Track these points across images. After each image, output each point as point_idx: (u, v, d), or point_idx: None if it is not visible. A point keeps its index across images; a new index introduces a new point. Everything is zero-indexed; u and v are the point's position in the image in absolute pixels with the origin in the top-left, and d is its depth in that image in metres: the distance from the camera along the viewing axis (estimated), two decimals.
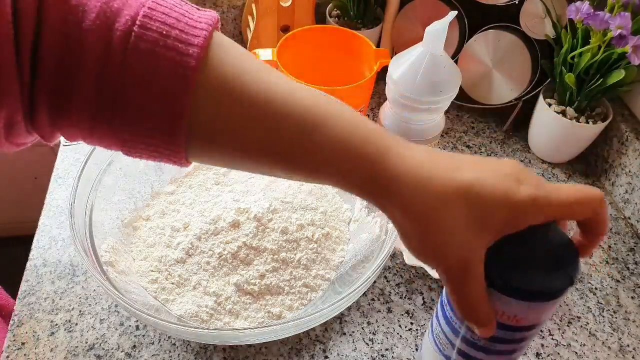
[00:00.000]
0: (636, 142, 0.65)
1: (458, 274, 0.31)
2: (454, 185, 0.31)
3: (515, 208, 0.30)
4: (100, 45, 0.29)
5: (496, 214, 0.30)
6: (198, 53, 0.30)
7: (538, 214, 0.31)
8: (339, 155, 0.32)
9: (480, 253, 0.31)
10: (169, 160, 0.33)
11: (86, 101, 0.30)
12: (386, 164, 0.32)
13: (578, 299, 0.58)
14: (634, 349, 0.54)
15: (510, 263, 0.32)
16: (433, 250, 0.32)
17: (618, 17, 0.57)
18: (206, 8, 0.83)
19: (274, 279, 0.52)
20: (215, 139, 0.32)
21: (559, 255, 0.33)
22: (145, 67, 0.29)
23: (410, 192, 0.31)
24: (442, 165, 0.32)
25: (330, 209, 0.60)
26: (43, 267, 0.56)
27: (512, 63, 0.72)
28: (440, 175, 0.31)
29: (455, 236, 0.31)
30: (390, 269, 0.58)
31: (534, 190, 0.31)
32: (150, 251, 0.54)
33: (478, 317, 0.33)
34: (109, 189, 0.55)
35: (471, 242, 0.31)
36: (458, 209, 0.30)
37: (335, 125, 0.32)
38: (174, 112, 0.30)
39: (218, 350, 0.50)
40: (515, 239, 0.32)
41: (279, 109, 0.31)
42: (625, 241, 0.65)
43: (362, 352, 0.51)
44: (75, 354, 0.49)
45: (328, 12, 0.81)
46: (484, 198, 0.30)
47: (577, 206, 0.31)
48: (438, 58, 0.54)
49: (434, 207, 0.31)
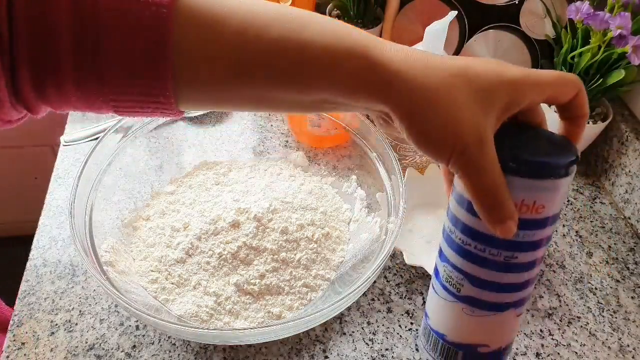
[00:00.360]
0: (636, 142, 0.65)
1: (475, 152, 0.31)
2: (455, 67, 0.32)
3: (513, 85, 0.32)
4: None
5: (498, 92, 0.32)
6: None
7: (534, 90, 0.32)
8: (330, 49, 0.31)
9: (490, 132, 0.32)
10: (161, 111, 0.33)
11: (66, 59, 0.29)
12: (380, 49, 0.32)
13: (578, 299, 0.58)
14: (634, 349, 0.54)
15: (518, 145, 0.34)
16: (446, 132, 0.31)
17: (618, 17, 0.57)
18: None
19: (274, 279, 0.52)
20: (202, 73, 0.31)
21: (558, 141, 0.36)
22: (119, 9, 0.28)
23: (417, 73, 0.31)
24: (430, 55, 0.32)
25: (330, 209, 0.60)
26: (43, 267, 0.56)
27: (512, 63, 0.71)
28: (435, 61, 0.32)
29: (466, 112, 0.31)
30: (390, 269, 0.58)
31: (524, 70, 0.32)
32: (150, 251, 0.54)
33: (502, 207, 0.32)
34: (109, 189, 0.55)
35: (481, 119, 0.31)
36: (464, 88, 0.31)
37: (317, 23, 0.32)
38: (157, 47, 0.29)
39: (218, 350, 0.50)
40: (515, 129, 0.35)
41: (262, 23, 0.31)
42: (625, 241, 0.65)
43: (362, 352, 0.51)
44: (75, 354, 0.49)
45: (328, 12, 0.81)
46: (483, 77, 0.31)
47: (563, 82, 0.33)
48: None
49: (440, 88, 0.31)
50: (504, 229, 0.32)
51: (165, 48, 0.29)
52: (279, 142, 0.68)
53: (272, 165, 0.65)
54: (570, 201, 0.69)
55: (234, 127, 0.67)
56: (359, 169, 0.61)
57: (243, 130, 0.68)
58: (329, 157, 0.65)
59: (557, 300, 0.57)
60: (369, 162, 0.59)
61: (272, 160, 0.66)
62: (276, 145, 0.68)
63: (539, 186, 0.34)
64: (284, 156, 0.67)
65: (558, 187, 0.35)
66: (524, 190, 0.34)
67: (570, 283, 0.59)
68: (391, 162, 0.54)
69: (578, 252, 0.63)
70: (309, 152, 0.66)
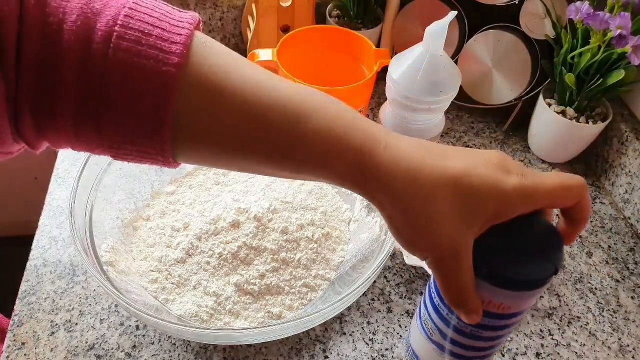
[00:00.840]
0: (636, 142, 0.65)
1: (449, 263, 0.31)
2: (445, 175, 0.31)
3: (505, 198, 0.31)
4: (81, 47, 0.28)
5: (486, 205, 0.31)
6: (181, 51, 0.30)
7: (527, 203, 0.31)
8: (324, 145, 0.31)
9: (470, 242, 0.31)
10: (157, 162, 0.33)
11: (69, 105, 0.29)
12: (374, 153, 0.31)
13: (578, 299, 0.58)
14: (634, 349, 0.54)
15: (495, 252, 0.33)
16: (424, 241, 0.32)
17: (618, 17, 0.57)
18: (206, 8, 0.83)
19: (274, 278, 0.52)
20: (199, 138, 0.32)
21: (543, 245, 0.34)
22: (128, 66, 0.29)
23: (400, 182, 0.31)
24: (431, 155, 0.32)
25: (330, 209, 0.60)
26: (43, 267, 0.56)
27: (512, 63, 0.72)
28: (429, 165, 0.31)
29: (446, 226, 0.31)
30: (390, 269, 0.58)
31: (521, 179, 0.31)
32: (150, 251, 0.54)
33: (466, 305, 0.33)
34: (109, 189, 0.55)
35: (461, 232, 0.31)
36: (449, 199, 0.31)
37: (320, 117, 0.32)
38: (157, 112, 0.30)
39: (218, 350, 0.50)
40: (501, 229, 0.33)
41: (262, 104, 0.31)
42: (625, 241, 0.65)
43: (362, 352, 0.51)
44: (75, 354, 0.49)
45: (328, 12, 0.81)
46: (474, 189, 0.31)
47: (563, 193, 0.32)
48: (438, 58, 0.54)
49: (425, 198, 0.31)
50: (467, 319, 0.34)
51: (165, 114, 0.30)
52: None
53: None
54: None
55: None
56: None
57: None
58: None
59: (557, 300, 0.57)
60: None
61: None
62: None
63: (508, 294, 0.34)
64: None
65: (529, 295, 0.34)
66: (492, 293, 0.34)
67: (570, 283, 0.59)
68: None
69: (578, 252, 0.63)
70: None
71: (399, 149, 0.32)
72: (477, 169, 0.31)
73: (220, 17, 0.82)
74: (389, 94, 0.58)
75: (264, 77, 0.32)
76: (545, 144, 0.72)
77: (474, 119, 0.79)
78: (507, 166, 0.32)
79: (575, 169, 0.73)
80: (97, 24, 0.29)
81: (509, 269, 0.32)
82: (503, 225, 0.33)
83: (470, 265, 0.32)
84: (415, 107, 0.56)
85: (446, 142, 0.75)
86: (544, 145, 0.72)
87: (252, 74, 0.32)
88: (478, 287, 0.34)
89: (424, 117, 0.58)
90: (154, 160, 0.33)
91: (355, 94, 0.66)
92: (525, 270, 0.33)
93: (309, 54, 0.72)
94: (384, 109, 0.62)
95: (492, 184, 0.31)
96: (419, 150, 0.32)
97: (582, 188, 0.32)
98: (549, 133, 0.70)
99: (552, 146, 0.72)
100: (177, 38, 0.30)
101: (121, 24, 0.29)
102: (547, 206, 0.32)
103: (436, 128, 0.60)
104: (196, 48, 0.31)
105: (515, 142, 0.76)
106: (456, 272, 0.31)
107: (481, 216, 0.31)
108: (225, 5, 0.81)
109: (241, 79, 0.31)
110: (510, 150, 0.75)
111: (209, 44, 0.32)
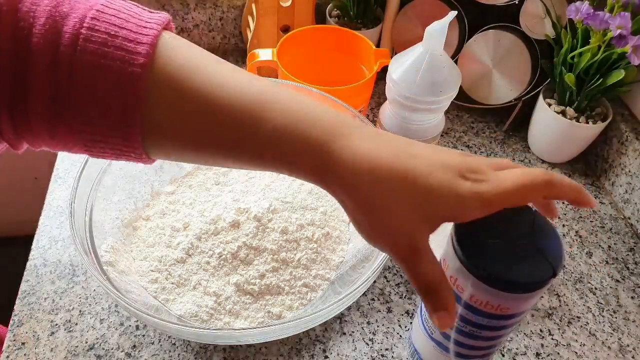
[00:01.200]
0: (636, 142, 0.65)
1: (410, 257, 0.31)
2: (405, 175, 0.31)
3: (460, 203, 0.31)
4: (49, 50, 0.29)
5: (442, 207, 0.31)
6: (147, 51, 0.30)
7: (483, 208, 0.31)
8: (286, 144, 0.32)
9: (426, 239, 0.32)
10: (132, 158, 0.34)
11: (41, 106, 0.30)
12: (334, 150, 0.32)
13: (578, 299, 0.58)
14: (634, 349, 0.54)
15: (494, 255, 0.33)
16: (384, 237, 0.32)
17: (618, 17, 0.57)
18: (206, 8, 0.83)
19: (274, 279, 0.52)
20: (169, 136, 0.33)
21: (542, 246, 0.34)
22: (95, 68, 0.29)
23: (360, 179, 0.31)
24: (394, 152, 0.32)
25: (330, 209, 0.60)
26: (43, 267, 0.56)
27: (512, 63, 0.72)
28: (391, 163, 0.31)
29: (405, 225, 0.31)
30: (390, 269, 0.58)
31: (477, 186, 0.31)
32: (150, 251, 0.54)
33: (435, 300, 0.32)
34: (109, 189, 0.55)
35: (419, 230, 0.31)
36: (407, 199, 0.31)
37: (280, 115, 0.32)
38: (126, 112, 0.30)
39: (218, 350, 0.50)
40: (499, 230, 0.33)
41: (224, 103, 0.32)
42: (625, 241, 0.65)
43: (362, 352, 0.51)
44: (75, 354, 0.49)
45: (328, 12, 0.81)
46: (432, 191, 0.31)
47: (524, 193, 0.32)
48: (438, 58, 0.54)
49: (381, 194, 0.31)
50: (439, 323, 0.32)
51: (134, 114, 0.31)
52: None
53: None
54: None
55: None
56: None
57: None
58: None
59: (557, 300, 0.57)
60: None
61: None
62: None
63: (507, 297, 0.34)
64: None
65: (528, 297, 0.34)
66: (491, 295, 0.34)
67: (570, 283, 0.59)
68: None
69: (578, 252, 0.63)
70: None
71: (361, 145, 0.32)
72: (435, 171, 0.31)
73: (220, 17, 0.82)
74: (389, 94, 0.58)
75: (228, 76, 0.33)
76: (545, 144, 0.72)
77: (474, 119, 0.79)
78: (467, 170, 0.32)
79: (575, 169, 0.73)
80: (64, 27, 0.29)
81: (508, 272, 0.32)
82: (501, 226, 0.33)
83: (432, 260, 0.32)
84: (415, 107, 0.56)
85: (446, 142, 0.75)
86: (544, 145, 0.72)
87: (218, 72, 0.33)
88: (476, 288, 0.34)
89: (424, 117, 0.58)
90: (129, 157, 0.34)
91: (355, 94, 0.66)
92: (524, 273, 0.32)
93: (309, 54, 0.72)
94: (384, 109, 0.62)
95: (447, 188, 0.31)
96: (381, 146, 0.32)
97: (544, 184, 0.32)
98: (549, 133, 0.70)
99: (552, 146, 0.72)
100: (144, 39, 0.31)
101: (88, 27, 0.30)
102: (509, 206, 0.32)
103: (436, 128, 0.60)
104: (163, 48, 0.31)
105: (515, 142, 0.76)
106: (419, 265, 0.31)
107: (438, 218, 0.31)
108: (225, 5, 0.81)
109: (206, 78, 0.32)
110: (511, 150, 0.75)
111: (176, 43, 0.33)
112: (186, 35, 0.82)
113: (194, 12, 0.80)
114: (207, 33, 0.83)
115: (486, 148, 0.75)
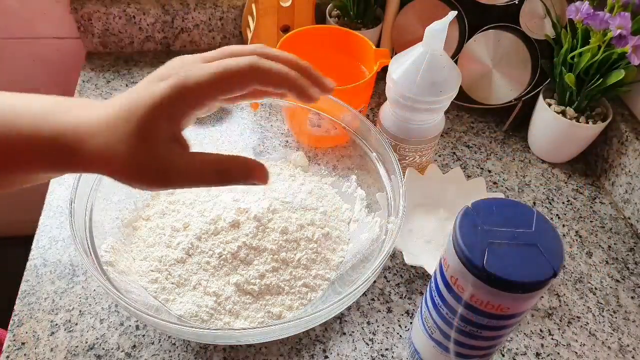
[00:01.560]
0: (636, 142, 0.65)
1: (166, 182, 0.32)
2: (113, 113, 0.32)
3: (165, 102, 0.31)
4: None
5: (152, 117, 0.31)
6: None
7: (183, 98, 0.32)
8: (27, 152, 0.32)
9: (160, 154, 0.32)
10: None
11: None
12: (67, 146, 0.32)
13: (578, 299, 0.58)
14: (634, 349, 0.54)
15: (494, 255, 0.33)
16: (131, 180, 0.33)
17: (618, 17, 0.57)
18: (206, 8, 0.83)
19: (274, 279, 0.52)
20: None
21: (542, 246, 0.34)
22: None
23: (92, 144, 0.32)
24: (108, 104, 0.33)
25: (330, 209, 0.60)
26: (43, 267, 0.56)
27: (512, 63, 0.72)
28: (99, 113, 0.32)
29: (133, 155, 0.32)
30: (390, 269, 0.58)
31: (170, 80, 0.32)
32: (150, 251, 0.54)
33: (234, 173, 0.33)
34: (109, 189, 0.55)
35: (145, 152, 0.32)
36: (122, 133, 0.31)
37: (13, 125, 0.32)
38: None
39: (218, 350, 0.50)
40: (499, 230, 0.33)
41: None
42: (625, 241, 0.65)
43: (362, 352, 0.51)
44: (75, 354, 0.49)
45: (328, 12, 0.81)
46: (136, 109, 0.31)
47: (227, 77, 0.32)
48: (438, 58, 0.54)
49: (110, 141, 0.32)
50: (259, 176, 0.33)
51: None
52: (279, 142, 0.68)
53: (272, 165, 0.65)
54: (570, 201, 0.69)
55: (234, 127, 0.67)
56: (358, 169, 0.61)
57: (243, 130, 0.68)
58: (329, 157, 0.65)
59: (557, 300, 0.57)
60: (369, 162, 0.59)
61: (272, 160, 0.66)
62: (276, 145, 0.68)
63: (507, 297, 0.34)
64: (284, 156, 0.67)
65: (528, 297, 0.34)
66: (491, 295, 0.34)
67: (570, 283, 0.59)
68: (391, 162, 0.54)
69: (578, 252, 0.63)
70: (309, 152, 0.66)
71: (81, 114, 0.33)
72: (140, 91, 0.32)
73: (220, 17, 0.82)
74: (389, 94, 0.58)
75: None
76: (545, 144, 0.72)
77: (474, 119, 0.79)
78: (167, 72, 0.33)
79: (575, 169, 0.73)
80: None
81: (508, 272, 0.33)
82: (502, 227, 0.34)
83: (187, 162, 0.32)
84: (415, 107, 0.56)
85: (446, 142, 0.75)
86: (544, 145, 0.72)
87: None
88: (477, 288, 0.34)
89: (424, 117, 0.58)
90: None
91: (355, 94, 0.66)
92: (524, 273, 0.33)
93: (309, 54, 0.72)
94: (384, 109, 0.62)
95: (149, 96, 0.32)
96: (95, 106, 0.33)
97: (249, 68, 0.33)
98: (549, 133, 0.70)
99: (552, 146, 0.72)
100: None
101: None
102: (216, 94, 0.33)
103: (436, 128, 0.60)
104: None
105: (515, 142, 0.76)
106: (180, 182, 0.32)
107: (158, 130, 0.32)
108: (225, 5, 0.81)
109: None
110: (510, 150, 0.75)
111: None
112: (186, 35, 0.82)
113: (194, 12, 0.80)
114: (207, 33, 0.83)
115: (486, 148, 0.75)
